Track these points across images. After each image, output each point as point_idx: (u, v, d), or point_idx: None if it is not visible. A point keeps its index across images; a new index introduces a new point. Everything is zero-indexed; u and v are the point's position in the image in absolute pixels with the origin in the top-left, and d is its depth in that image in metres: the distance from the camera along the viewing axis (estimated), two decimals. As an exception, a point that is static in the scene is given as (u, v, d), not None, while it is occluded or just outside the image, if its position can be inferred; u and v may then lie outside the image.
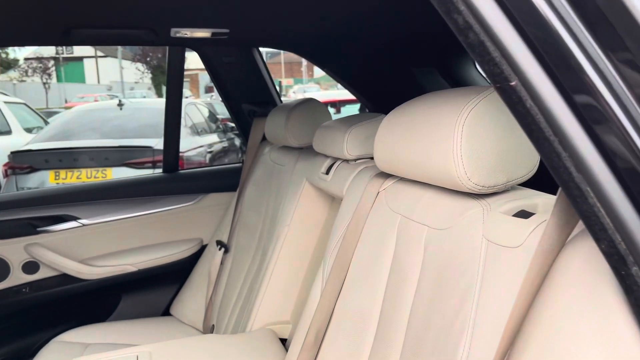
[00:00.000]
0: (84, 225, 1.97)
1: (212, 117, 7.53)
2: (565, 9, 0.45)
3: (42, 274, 1.93)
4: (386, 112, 1.27)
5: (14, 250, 1.89)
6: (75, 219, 1.96)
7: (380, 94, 2.13)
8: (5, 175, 5.02)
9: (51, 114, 11.26)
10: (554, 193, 0.77)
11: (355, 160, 1.25)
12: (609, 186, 0.45)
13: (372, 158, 1.26)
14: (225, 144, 7.00)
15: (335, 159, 1.35)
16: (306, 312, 1.15)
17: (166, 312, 2.11)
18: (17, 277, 1.91)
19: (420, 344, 0.78)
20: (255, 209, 1.84)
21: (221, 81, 2.08)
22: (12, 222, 1.89)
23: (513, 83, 0.47)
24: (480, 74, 2.07)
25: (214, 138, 6.66)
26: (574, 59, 0.46)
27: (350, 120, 1.27)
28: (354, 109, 7.89)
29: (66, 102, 22.22)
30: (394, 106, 0.98)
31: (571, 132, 0.45)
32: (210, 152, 6.20)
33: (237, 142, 7.83)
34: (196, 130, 6.30)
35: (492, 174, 0.74)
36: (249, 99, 2.10)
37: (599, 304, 0.51)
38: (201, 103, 7.69)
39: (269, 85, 2.13)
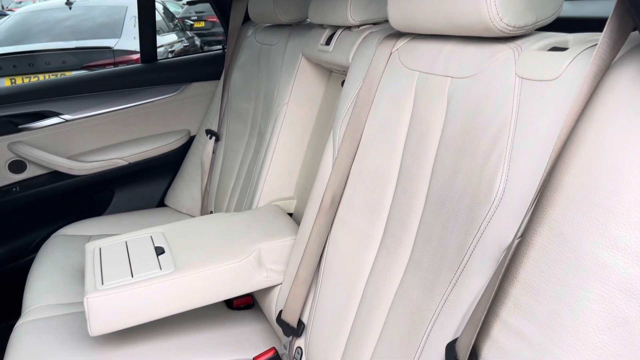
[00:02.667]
0: (67, 120, 1.90)
1: (169, 14, 7.12)
2: None
3: (30, 172, 1.89)
4: None
5: (-3, 150, 1.83)
6: (57, 114, 1.89)
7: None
8: (-44, 85, 4.72)
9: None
10: None
11: (358, 26, 1.22)
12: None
13: (375, 24, 1.24)
14: (186, 43, 6.70)
15: (336, 29, 1.31)
16: (319, 180, 1.18)
17: (161, 204, 2.13)
18: (5, 177, 1.87)
19: (447, 190, 0.82)
20: (245, 94, 1.80)
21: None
22: (-10, 120, 1.81)
23: None
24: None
25: (173, 37, 6.35)
26: None
27: (349, -14, 1.22)
28: None
29: (2, 8, 20.44)
30: None
31: None
32: (171, 51, 5.94)
33: (197, 41, 7.48)
34: (154, 29, 5.90)
35: (523, 13, 0.74)
36: (226, -22, 1.98)
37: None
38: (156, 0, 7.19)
39: (247, -39, 1.99)
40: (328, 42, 1.31)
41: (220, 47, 2.35)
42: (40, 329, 1.26)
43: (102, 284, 1.13)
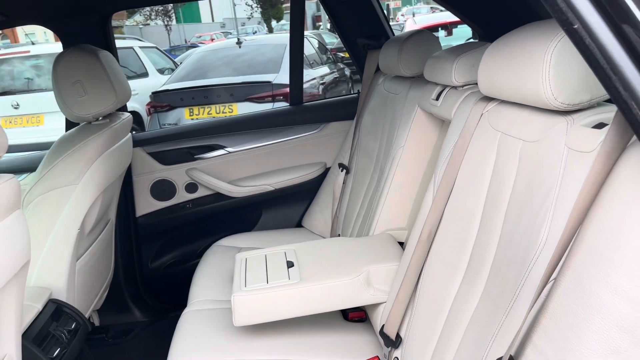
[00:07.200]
0: (229, 152, 2.35)
1: (322, 48, 7.67)
2: None
3: (200, 192, 2.37)
4: (496, 37, 1.39)
5: (178, 174, 2.33)
6: (222, 147, 2.35)
7: (491, 19, 2.19)
8: (149, 113, 5.74)
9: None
10: None
11: (462, 86, 1.42)
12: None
13: (477, 84, 1.42)
14: (336, 75, 7.15)
15: (444, 86, 1.52)
16: (420, 216, 1.39)
17: (299, 224, 2.48)
18: (182, 196, 2.36)
19: (513, 233, 0.99)
20: (372, 134, 2.07)
21: (337, 18, 2.28)
22: (175, 151, 2.32)
23: (575, 26, 0.64)
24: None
25: (325, 70, 6.83)
26: (625, 5, 0.61)
27: (457, 50, 1.43)
28: (466, 31, 7.58)
29: (186, 42, 23.74)
30: (505, 31, 1.11)
31: (619, 61, 0.62)
32: (322, 83, 6.42)
33: (347, 72, 7.96)
34: (308, 63, 6.42)
35: (577, 93, 0.90)
36: (363, 33, 2.29)
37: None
38: (311, 35, 7.83)
39: (381, 18, 2.28)
40: (437, 98, 1.52)
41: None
42: (201, 318, 1.64)
43: (245, 286, 1.47)
